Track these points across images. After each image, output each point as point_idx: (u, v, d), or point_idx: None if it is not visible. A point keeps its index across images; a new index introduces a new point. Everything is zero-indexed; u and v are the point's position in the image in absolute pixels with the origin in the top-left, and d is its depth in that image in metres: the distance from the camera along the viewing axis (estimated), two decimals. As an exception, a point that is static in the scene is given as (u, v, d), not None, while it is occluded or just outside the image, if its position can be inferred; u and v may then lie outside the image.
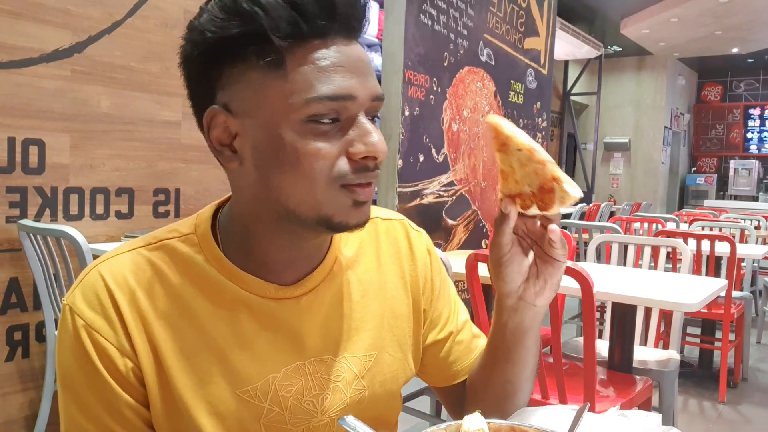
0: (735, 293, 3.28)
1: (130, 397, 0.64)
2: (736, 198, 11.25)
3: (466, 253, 1.92)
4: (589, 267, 2.17)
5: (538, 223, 0.68)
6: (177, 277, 0.66)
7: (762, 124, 11.87)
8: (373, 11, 5.83)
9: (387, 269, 0.77)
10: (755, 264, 4.16)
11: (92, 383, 0.63)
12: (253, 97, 0.60)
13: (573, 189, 0.63)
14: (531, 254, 0.70)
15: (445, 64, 3.49)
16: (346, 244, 0.75)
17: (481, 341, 0.86)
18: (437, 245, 3.40)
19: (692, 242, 3.23)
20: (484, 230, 3.96)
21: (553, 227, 0.66)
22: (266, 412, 0.66)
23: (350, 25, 0.61)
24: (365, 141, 0.60)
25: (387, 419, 0.78)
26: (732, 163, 11.68)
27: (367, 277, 0.75)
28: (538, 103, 4.75)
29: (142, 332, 0.63)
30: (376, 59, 5.89)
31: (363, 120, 0.61)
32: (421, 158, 3.33)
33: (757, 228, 4.95)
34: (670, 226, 4.28)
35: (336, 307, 0.71)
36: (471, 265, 1.83)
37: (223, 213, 0.70)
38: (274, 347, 0.67)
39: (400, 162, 3.15)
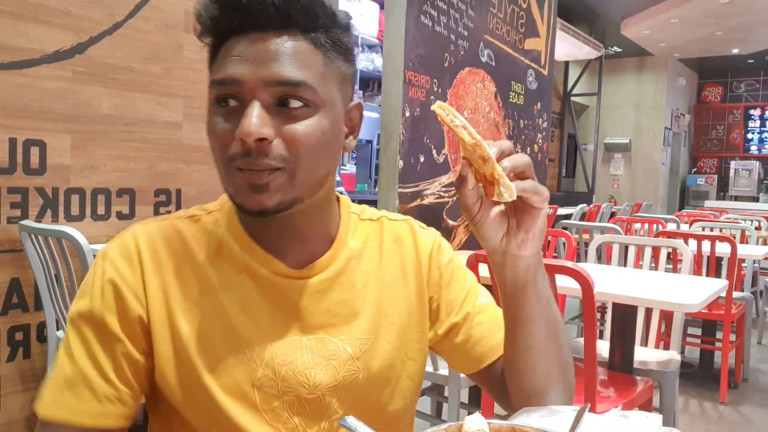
0: (735, 294, 3.28)
1: (130, 344, 0.69)
2: (736, 199, 11.24)
3: (466, 254, 1.92)
4: (590, 267, 2.17)
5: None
6: (198, 246, 0.74)
7: (762, 124, 11.86)
8: (374, 12, 5.85)
9: (387, 261, 0.81)
10: (756, 264, 4.15)
11: (98, 322, 0.69)
12: None
13: (507, 193, 0.62)
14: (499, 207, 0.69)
15: (446, 64, 3.49)
16: (353, 236, 0.80)
17: None
18: (438, 246, 3.40)
19: (693, 243, 3.23)
20: (485, 231, 3.96)
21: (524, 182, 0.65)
22: (260, 376, 0.70)
23: (258, 20, 0.65)
24: (239, 123, 0.64)
25: (386, 410, 0.78)
26: (732, 164, 11.67)
27: (369, 268, 0.79)
28: (539, 104, 4.75)
29: (159, 284, 0.71)
30: (376, 60, 5.93)
31: (251, 104, 0.65)
32: (422, 159, 3.33)
33: (758, 229, 4.95)
34: (671, 227, 4.28)
35: (339, 293, 0.76)
36: (471, 266, 1.83)
37: None
38: (276, 320, 0.72)
39: (401, 163, 3.15)
